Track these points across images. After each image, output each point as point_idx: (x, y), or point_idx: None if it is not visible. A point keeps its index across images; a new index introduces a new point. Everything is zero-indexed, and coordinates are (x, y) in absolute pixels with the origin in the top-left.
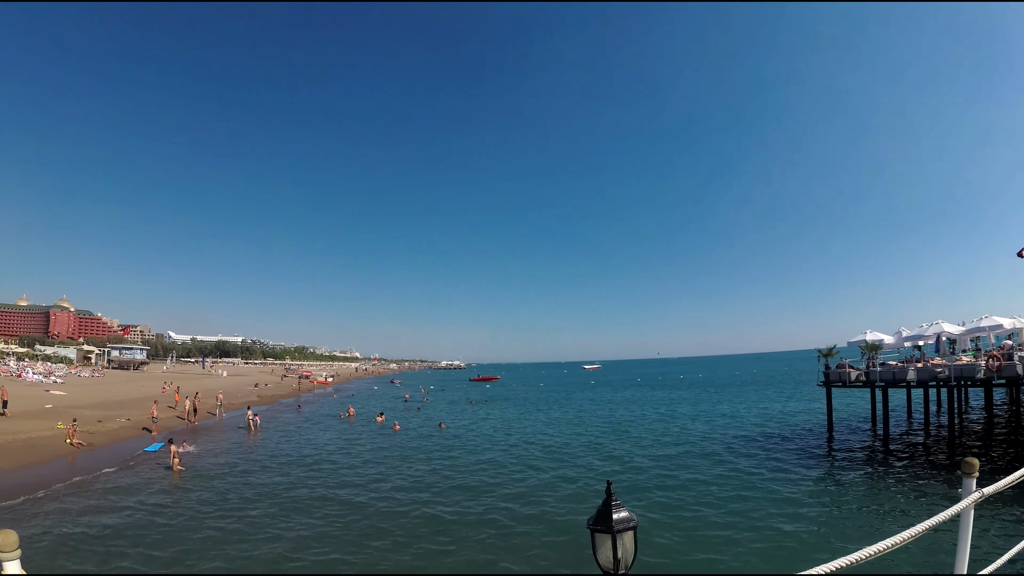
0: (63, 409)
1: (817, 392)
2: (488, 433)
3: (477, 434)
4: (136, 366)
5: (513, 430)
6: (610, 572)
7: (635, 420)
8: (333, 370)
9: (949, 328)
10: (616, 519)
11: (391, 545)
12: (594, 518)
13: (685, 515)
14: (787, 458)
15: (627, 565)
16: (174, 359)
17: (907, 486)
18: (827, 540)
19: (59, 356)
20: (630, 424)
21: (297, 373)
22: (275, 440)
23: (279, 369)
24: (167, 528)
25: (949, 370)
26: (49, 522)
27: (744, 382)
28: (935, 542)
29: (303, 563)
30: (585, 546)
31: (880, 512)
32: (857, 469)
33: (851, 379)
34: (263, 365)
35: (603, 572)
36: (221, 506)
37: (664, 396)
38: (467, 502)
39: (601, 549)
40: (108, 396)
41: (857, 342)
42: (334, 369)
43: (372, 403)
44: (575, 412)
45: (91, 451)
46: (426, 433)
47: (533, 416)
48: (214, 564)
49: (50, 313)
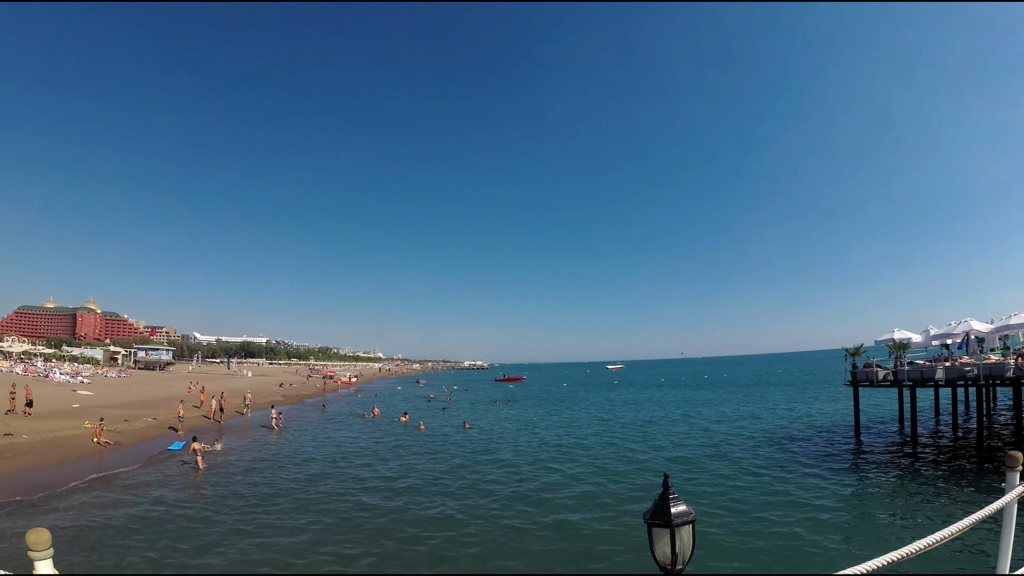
0: (90, 409)
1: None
2: (511, 433)
3: (500, 434)
4: (162, 367)
5: (535, 430)
6: (667, 568)
7: (657, 421)
8: (357, 370)
9: (978, 326)
10: (675, 513)
11: (403, 543)
12: (651, 512)
13: (712, 517)
14: (812, 459)
15: (684, 561)
16: (199, 360)
17: (936, 488)
18: (852, 543)
19: (86, 357)
20: (653, 425)
21: (321, 373)
22: (300, 439)
23: (303, 369)
24: (185, 523)
25: (978, 369)
26: (70, 516)
27: (769, 382)
28: (972, 540)
29: (315, 559)
30: (597, 549)
31: (908, 514)
32: (884, 470)
33: (879, 378)
34: (287, 365)
35: (660, 568)
36: (240, 503)
37: (688, 396)
38: (482, 500)
39: (659, 544)
40: (134, 396)
41: (884, 341)
42: (357, 369)
43: (396, 403)
44: (597, 412)
45: (118, 450)
46: (449, 433)
47: (556, 416)
48: (230, 559)
49: (77, 315)
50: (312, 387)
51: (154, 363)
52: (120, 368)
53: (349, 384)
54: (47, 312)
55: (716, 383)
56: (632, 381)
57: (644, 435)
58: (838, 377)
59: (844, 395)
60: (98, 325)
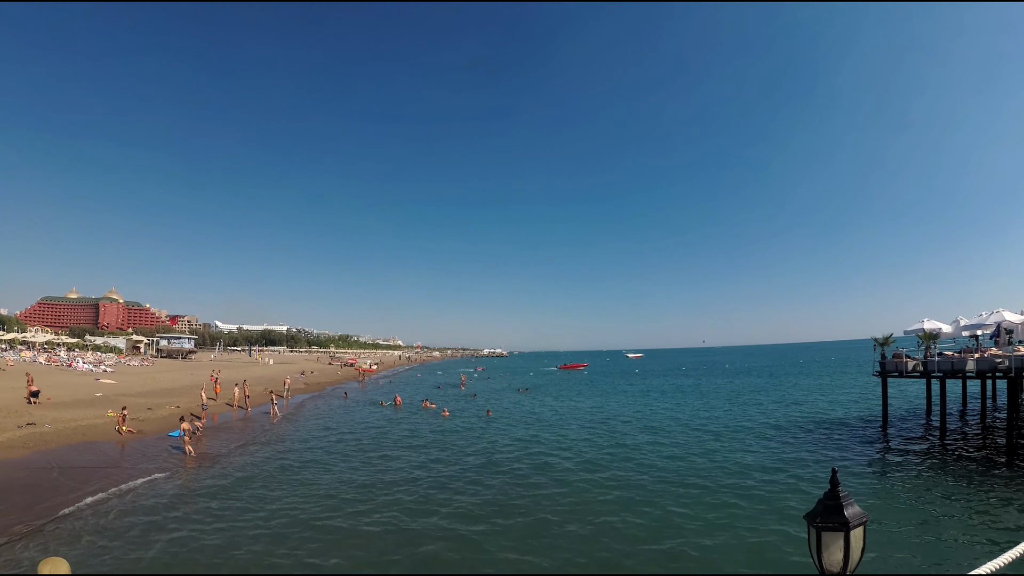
0: (113, 397)
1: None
2: (534, 421)
3: (524, 422)
4: (184, 355)
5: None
6: (832, 573)
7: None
8: (377, 358)
9: (1010, 317)
10: (849, 515)
11: (401, 529)
12: (819, 512)
13: (736, 510)
14: (839, 449)
15: (854, 565)
16: (221, 348)
17: (965, 481)
18: (883, 534)
19: (109, 346)
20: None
21: (342, 361)
22: (317, 426)
23: (324, 357)
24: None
25: (1010, 360)
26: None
27: (794, 371)
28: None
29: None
30: (610, 548)
31: (936, 507)
32: (912, 462)
33: (908, 369)
34: (308, 353)
35: (825, 573)
36: (226, 488)
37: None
38: (497, 489)
39: (830, 549)
40: (157, 384)
41: (914, 331)
42: (378, 357)
43: (419, 390)
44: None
45: (141, 438)
46: (473, 420)
47: (579, 404)
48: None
49: (99, 305)
50: (333, 375)
51: (176, 352)
52: (143, 357)
53: (370, 372)
54: (70, 302)
55: (740, 372)
56: (653, 370)
57: (670, 424)
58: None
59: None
60: (120, 314)
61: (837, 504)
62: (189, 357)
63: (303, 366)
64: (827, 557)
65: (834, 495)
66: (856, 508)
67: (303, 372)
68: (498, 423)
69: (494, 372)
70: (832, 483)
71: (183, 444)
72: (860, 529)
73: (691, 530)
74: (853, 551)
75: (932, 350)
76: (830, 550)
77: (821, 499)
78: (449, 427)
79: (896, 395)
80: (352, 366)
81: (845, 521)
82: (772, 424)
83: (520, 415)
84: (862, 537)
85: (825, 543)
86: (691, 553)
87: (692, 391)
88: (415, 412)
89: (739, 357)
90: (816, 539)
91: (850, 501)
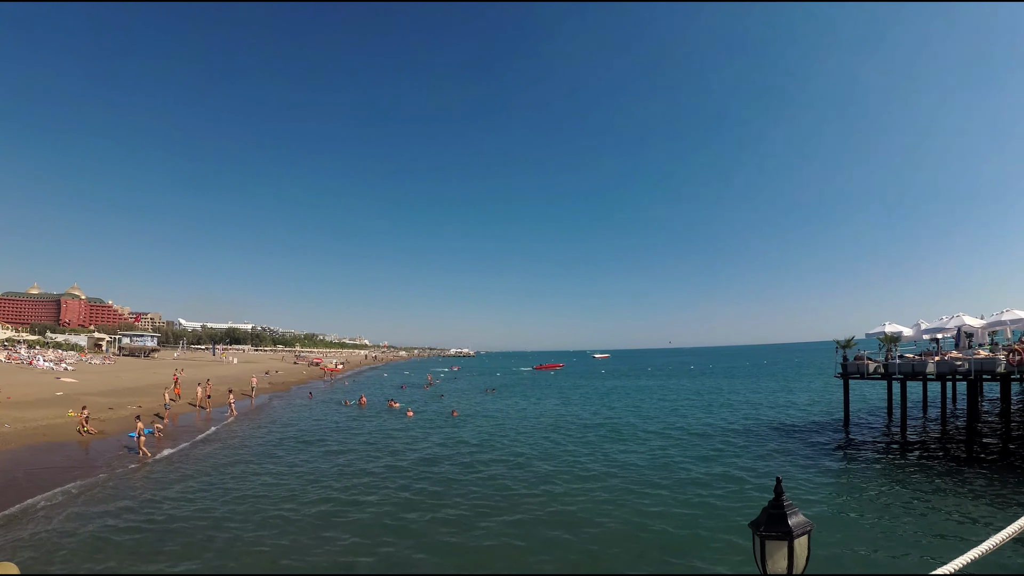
0: (74, 396)
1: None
2: (499, 422)
3: (489, 423)
4: (147, 353)
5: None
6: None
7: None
8: (343, 357)
9: (970, 321)
10: (793, 524)
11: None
12: (764, 521)
13: (696, 508)
14: (801, 450)
15: (799, 574)
16: (185, 346)
17: (925, 480)
18: (843, 536)
19: (70, 344)
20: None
21: (308, 360)
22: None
23: (289, 356)
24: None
25: (969, 363)
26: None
27: (758, 372)
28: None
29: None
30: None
31: (898, 506)
32: (873, 462)
33: (869, 371)
34: (273, 352)
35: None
36: (187, 490)
37: (675, 385)
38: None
39: (774, 557)
40: (120, 383)
41: (875, 334)
42: (344, 356)
43: (384, 390)
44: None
45: (103, 438)
46: (438, 420)
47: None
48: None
49: (61, 301)
50: (298, 374)
51: (139, 350)
52: (104, 355)
53: (336, 371)
54: (31, 298)
55: (703, 372)
56: (619, 370)
57: (632, 424)
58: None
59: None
60: (83, 311)
61: (781, 513)
62: (152, 356)
63: (268, 365)
64: (771, 565)
65: (778, 504)
66: (800, 517)
67: (268, 371)
68: (463, 423)
69: (461, 372)
70: (776, 492)
71: (139, 445)
72: (804, 538)
73: (639, 535)
74: (798, 559)
75: (893, 353)
76: (774, 558)
77: (766, 508)
78: (413, 427)
79: (857, 397)
80: (318, 365)
81: (789, 530)
82: (734, 426)
83: (486, 416)
84: (807, 545)
85: (769, 551)
86: (636, 556)
87: (655, 392)
88: (380, 412)
89: (704, 358)
90: (760, 547)
91: (794, 510)
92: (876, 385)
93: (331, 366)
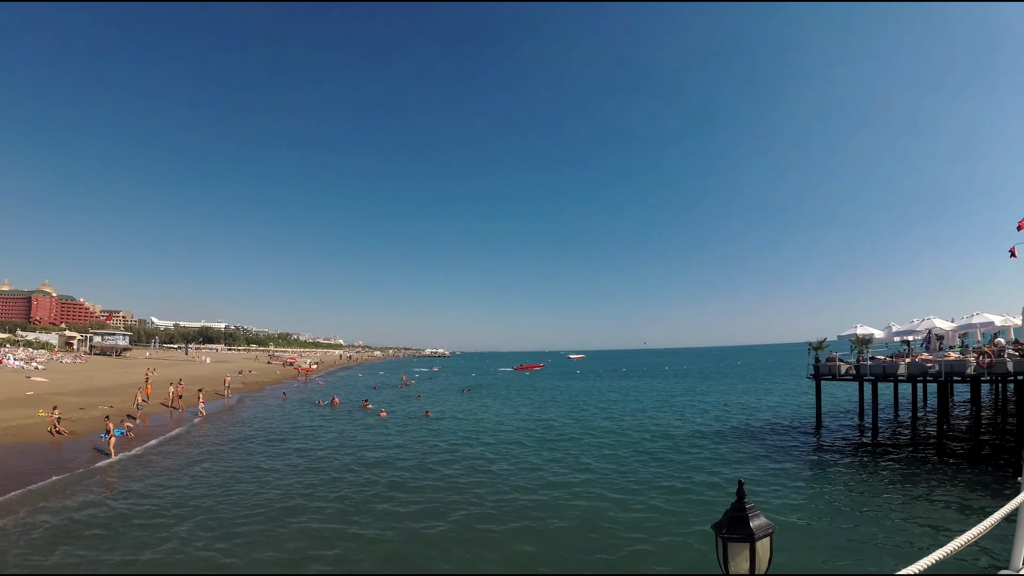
0: (45, 396)
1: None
2: (474, 422)
3: (463, 423)
4: (118, 352)
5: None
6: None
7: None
8: (317, 357)
9: (941, 324)
10: (755, 526)
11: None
12: (726, 524)
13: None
14: (774, 451)
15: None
16: (157, 345)
17: (894, 481)
18: (814, 537)
19: (41, 342)
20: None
21: (281, 360)
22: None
23: (263, 356)
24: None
25: (939, 365)
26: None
27: (731, 374)
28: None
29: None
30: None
31: (866, 507)
32: (845, 462)
33: (841, 372)
34: (247, 352)
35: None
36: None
37: (649, 386)
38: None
39: (736, 559)
40: (91, 383)
41: (847, 336)
42: (318, 356)
43: (358, 391)
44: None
45: (74, 439)
46: (411, 421)
47: (518, 406)
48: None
49: (32, 298)
50: (272, 374)
51: (110, 348)
52: (76, 354)
53: (310, 371)
54: (1, 295)
55: (677, 374)
56: (594, 371)
57: (609, 427)
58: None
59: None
60: (54, 309)
61: (743, 515)
62: (124, 354)
63: (241, 365)
64: (734, 566)
65: (740, 506)
66: (762, 519)
67: (241, 371)
68: (436, 424)
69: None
70: (739, 495)
71: (108, 446)
72: (767, 540)
73: (611, 533)
74: (760, 561)
75: (865, 354)
76: (736, 560)
77: (728, 510)
78: (386, 428)
79: (830, 398)
80: (292, 365)
81: (751, 532)
82: (704, 427)
83: (459, 417)
84: (769, 547)
85: (731, 553)
86: (610, 557)
87: (629, 393)
88: (353, 412)
89: (679, 359)
90: (723, 549)
91: (756, 512)
92: (848, 386)
93: (305, 366)
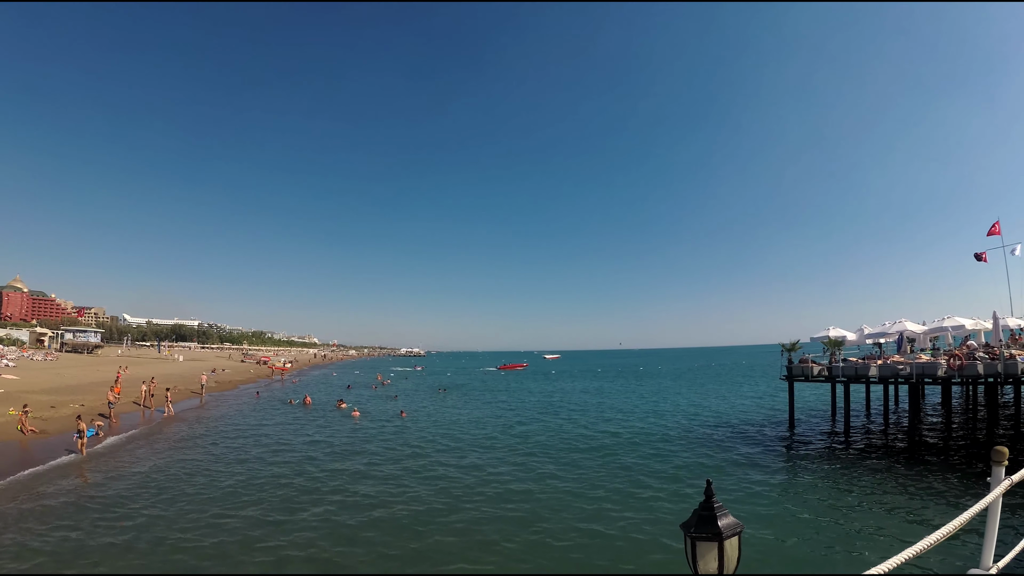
0: (15, 394)
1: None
2: (449, 424)
3: (438, 424)
4: (90, 349)
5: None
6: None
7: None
8: (291, 356)
9: (912, 327)
10: (723, 525)
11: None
12: (694, 523)
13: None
14: (746, 451)
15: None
16: (129, 343)
17: (865, 481)
18: (784, 537)
19: (11, 338)
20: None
21: (255, 358)
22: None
23: (236, 354)
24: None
25: (911, 367)
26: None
27: (705, 374)
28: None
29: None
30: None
31: (836, 507)
32: (818, 462)
33: (813, 374)
34: (220, 350)
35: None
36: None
37: (623, 387)
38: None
39: (705, 558)
40: (62, 381)
41: (820, 338)
42: (292, 355)
43: (332, 390)
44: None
45: (44, 438)
46: (385, 421)
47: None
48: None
49: (2, 294)
50: (245, 373)
51: (82, 346)
52: (46, 351)
53: (284, 370)
54: None
55: (652, 374)
56: (570, 372)
57: (580, 426)
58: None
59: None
60: (25, 305)
61: (711, 515)
62: (95, 352)
63: (215, 363)
64: (702, 566)
65: (708, 505)
66: (730, 518)
67: (215, 369)
68: (410, 424)
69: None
70: (707, 494)
71: (78, 445)
72: (735, 539)
73: (576, 538)
74: (728, 560)
75: (837, 356)
76: (705, 559)
77: (696, 509)
78: (358, 428)
79: (802, 399)
80: (266, 364)
81: (719, 531)
82: (677, 428)
83: (434, 417)
84: (737, 546)
85: (700, 552)
86: (578, 556)
87: (603, 393)
88: (326, 412)
89: (654, 360)
90: (691, 548)
91: (724, 511)
92: (820, 387)
93: (279, 365)
